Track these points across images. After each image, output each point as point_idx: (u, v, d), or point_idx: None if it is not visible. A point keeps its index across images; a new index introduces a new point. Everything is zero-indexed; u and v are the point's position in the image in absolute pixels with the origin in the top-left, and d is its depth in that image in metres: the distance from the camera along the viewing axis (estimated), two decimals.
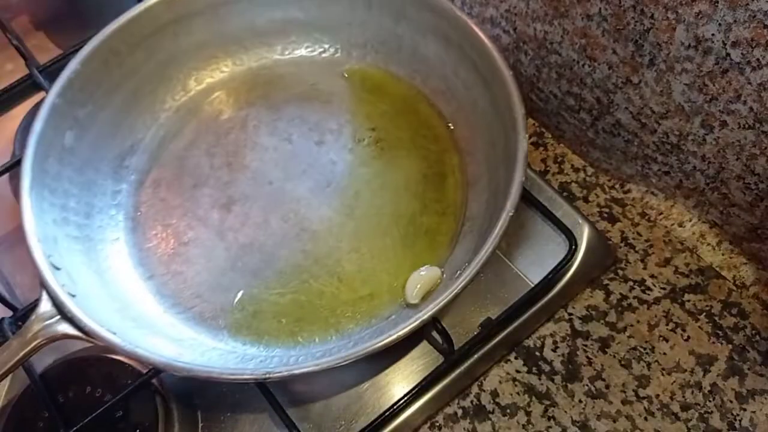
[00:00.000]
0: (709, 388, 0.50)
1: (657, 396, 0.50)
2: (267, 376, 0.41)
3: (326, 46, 0.63)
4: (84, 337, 0.43)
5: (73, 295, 0.45)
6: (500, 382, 0.51)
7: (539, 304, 0.53)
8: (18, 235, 0.47)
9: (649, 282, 0.55)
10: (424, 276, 0.51)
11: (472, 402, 0.51)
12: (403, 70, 0.62)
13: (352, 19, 0.61)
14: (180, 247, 0.55)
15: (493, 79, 0.52)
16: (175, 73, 0.61)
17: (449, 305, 0.43)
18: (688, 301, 0.54)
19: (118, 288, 0.52)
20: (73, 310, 0.43)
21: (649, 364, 0.51)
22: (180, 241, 0.55)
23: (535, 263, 0.54)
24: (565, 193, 0.59)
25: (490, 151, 0.54)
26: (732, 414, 0.49)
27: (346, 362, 0.41)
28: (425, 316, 0.42)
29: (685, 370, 0.51)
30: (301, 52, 0.64)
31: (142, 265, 0.54)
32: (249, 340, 0.51)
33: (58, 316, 0.44)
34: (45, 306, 0.44)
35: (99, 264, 0.52)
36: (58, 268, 0.46)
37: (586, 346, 0.52)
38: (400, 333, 0.41)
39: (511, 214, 0.45)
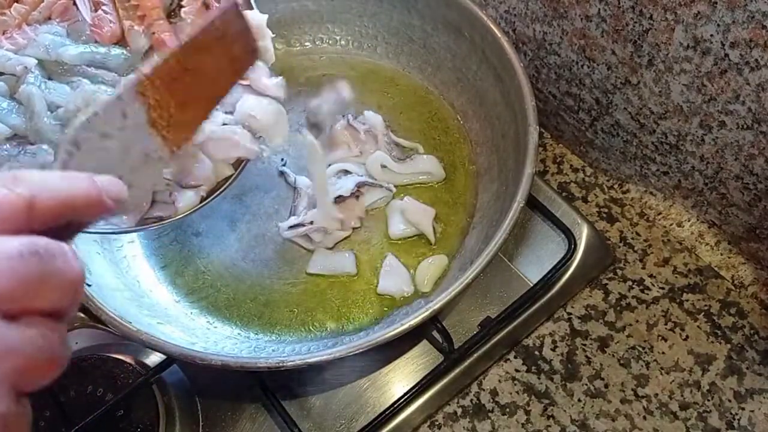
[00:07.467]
0: (707, 387, 0.50)
1: (656, 395, 0.50)
2: (281, 364, 0.42)
3: (338, 37, 0.64)
4: (100, 325, 0.44)
5: (89, 285, 0.45)
6: (500, 381, 0.52)
7: (538, 304, 0.53)
8: None
9: (647, 282, 0.55)
10: (432, 264, 0.52)
11: (471, 401, 0.51)
12: (413, 62, 0.62)
13: (364, 11, 0.61)
14: (193, 238, 0.55)
15: (503, 71, 0.52)
16: None
17: (458, 296, 0.43)
18: (687, 300, 0.54)
19: (132, 277, 0.52)
20: (89, 299, 0.44)
21: (647, 364, 0.51)
22: (193, 231, 0.55)
23: (534, 263, 0.54)
24: (564, 193, 0.59)
25: (500, 142, 0.54)
26: (731, 413, 0.49)
27: (359, 351, 0.41)
28: (437, 306, 0.42)
29: (684, 370, 0.51)
30: (313, 43, 0.64)
31: (155, 255, 0.55)
32: (261, 329, 0.51)
33: None
34: None
35: (114, 254, 0.53)
36: None
37: (585, 345, 0.52)
38: (412, 322, 0.42)
39: (522, 204, 0.45)
